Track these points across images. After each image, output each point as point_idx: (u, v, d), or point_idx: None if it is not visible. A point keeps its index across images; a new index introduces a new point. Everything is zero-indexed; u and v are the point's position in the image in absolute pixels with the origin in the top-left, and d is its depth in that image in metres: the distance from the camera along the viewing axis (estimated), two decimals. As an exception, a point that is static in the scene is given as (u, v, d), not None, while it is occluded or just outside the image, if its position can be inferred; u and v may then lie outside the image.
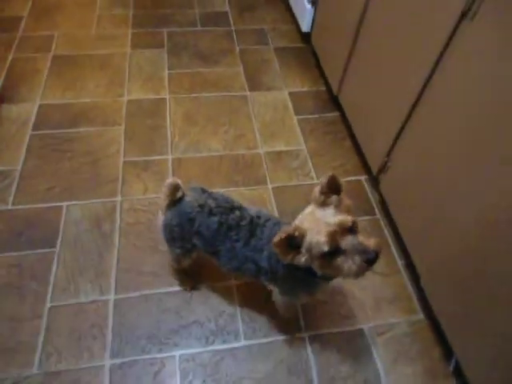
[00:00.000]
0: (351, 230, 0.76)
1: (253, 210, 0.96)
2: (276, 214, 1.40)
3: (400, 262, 1.31)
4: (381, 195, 1.40)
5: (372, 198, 1.47)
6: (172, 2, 2.25)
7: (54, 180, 1.44)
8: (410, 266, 1.27)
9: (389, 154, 1.30)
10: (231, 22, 2.16)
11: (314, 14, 1.84)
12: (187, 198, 0.95)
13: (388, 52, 1.24)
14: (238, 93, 1.80)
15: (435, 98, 1.04)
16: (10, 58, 1.88)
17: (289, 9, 2.22)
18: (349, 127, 1.64)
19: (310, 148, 1.61)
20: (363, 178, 1.53)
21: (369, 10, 1.33)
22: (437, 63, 1.02)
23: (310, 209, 0.81)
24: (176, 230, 0.97)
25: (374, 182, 1.47)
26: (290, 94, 1.81)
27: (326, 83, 1.84)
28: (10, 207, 1.36)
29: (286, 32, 2.14)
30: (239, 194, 1.43)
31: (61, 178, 1.45)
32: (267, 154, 1.57)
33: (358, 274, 0.75)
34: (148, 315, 1.16)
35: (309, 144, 1.62)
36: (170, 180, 0.93)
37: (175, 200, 0.94)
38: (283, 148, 1.60)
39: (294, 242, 0.77)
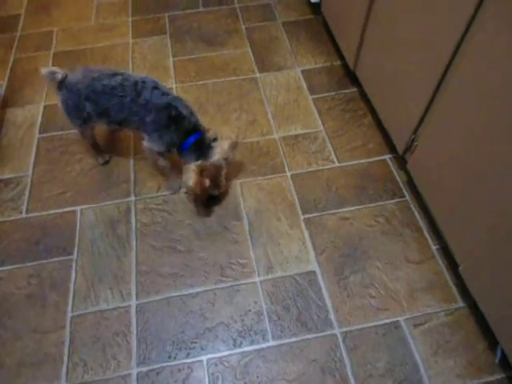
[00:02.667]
0: None
1: (138, 76, 1.17)
2: (297, 202, 1.32)
3: (434, 247, 1.22)
4: (409, 175, 1.30)
5: (399, 178, 1.37)
6: (171, -16, 2.13)
7: (66, 184, 1.40)
8: (446, 251, 1.18)
9: (416, 132, 1.19)
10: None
11: (323, -19, 1.70)
12: (71, 76, 1.16)
13: (411, 14, 1.11)
14: (248, 75, 1.70)
15: (468, 67, 0.92)
16: (11, 59, 1.82)
17: (295, -21, 2.07)
18: (369, 103, 1.52)
19: (329, 129, 1.51)
20: (388, 157, 1.42)
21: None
22: (470, 23, 0.89)
23: None
24: (69, 104, 1.19)
25: (401, 161, 1.37)
26: (303, 71, 1.70)
27: (341, 57, 1.71)
28: (24, 215, 1.34)
29: (294, 4, 2.00)
30: (256, 185, 1.36)
31: (72, 182, 1.41)
32: (283, 139, 1.48)
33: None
34: (172, 319, 1.12)
35: (327, 124, 1.52)
36: (42, 70, 1.14)
37: (59, 82, 1.15)
38: (300, 131, 1.50)
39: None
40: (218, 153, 1.20)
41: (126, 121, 1.19)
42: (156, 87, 1.17)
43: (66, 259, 1.24)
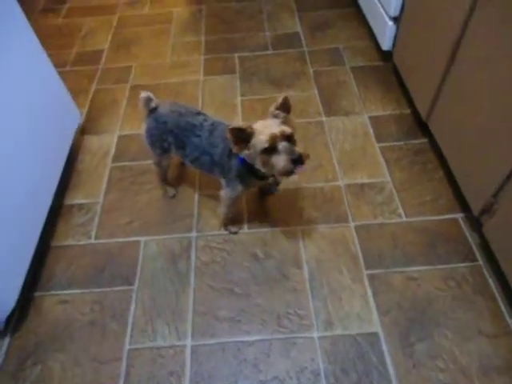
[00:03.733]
0: (289, 139, 1.02)
1: (216, 119, 1.22)
2: (360, 256, 1.28)
3: (510, 321, 1.12)
4: (483, 238, 1.22)
5: (471, 240, 1.29)
6: (242, 26, 2.23)
7: (133, 213, 1.46)
8: (526, 328, 1.08)
9: (496, 194, 1.12)
10: (303, 42, 2.08)
11: (397, 30, 1.70)
12: (161, 107, 1.25)
13: (502, 64, 1.07)
14: (314, 118, 1.71)
15: None
16: (92, 89, 1.97)
17: (364, 24, 2.09)
18: (440, 156, 1.47)
19: (396, 180, 1.46)
20: (459, 216, 1.35)
21: (471, 26, 1.17)
22: None
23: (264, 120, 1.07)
24: (154, 133, 1.26)
25: (475, 222, 1.29)
26: (371, 118, 1.68)
27: (411, 105, 1.68)
28: (93, 241, 1.40)
29: (363, 50, 2.01)
30: (318, 233, 1.34)
31: (139, 212, 1.46)
32: (348, 187, 1.46)
33: (286, 168, 1.01)
34: (226, 366, 1.10)
35: (394, 175, 1.48)
36: (142, 94, 1.23)
37: (151, 110, 1.25)
38: (365, 180, 1.47)
39: (244, 136, 1.03)
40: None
41: (199, 160, 1.23)
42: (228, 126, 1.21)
43: (127, 289, 1.27)
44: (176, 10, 2.41)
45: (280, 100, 1.06)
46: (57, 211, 1.48)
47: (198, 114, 1.24)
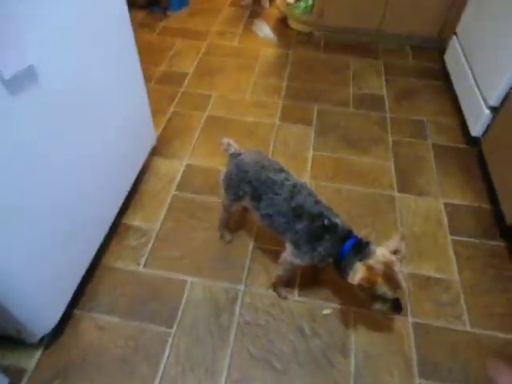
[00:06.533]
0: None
1: (298, 180, 1.20)
2: (415, 359, 1.17)
3: None
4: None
5: (545, 373, 1.15)
6: (326, 78, 2.22)
7: (186, 249, 1.44)
8: None
9: None
10: (387, 107, 2.04)
11: (492, 119, 1.61)
12: (245, 155, 1.24)
13: None
14: (385, 191, 1.64)
15: None
16: (170, 110, 2.01)
17: (453, 101, 2.02)
18: (520, 267, 1.35)
19: (465, 281, 1.35)
20: (534, 341, 1.22)
21: None
22: None
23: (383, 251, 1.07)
24: (233, 178, 1.24)
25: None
26: (446, 205, 1.59)
27: (494, 201, 1.57)
28: (141, 269, 1.39)
29: (448, 127, 1.93)
30: (371, 321, 1.25)
31: (192, 250, 1.44)
32: (412, 277, 1.36)
33: (381, 311, 1.07)
34: None
35: (464, 275, 1.37)
36: (223, 139, 1.26)
37: (232, 154, 1.25)
38: (432, 273, 1.37)
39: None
40: (384, 250, 1.07)
41: (271, 218, 1.19)
42: (310, 194, 1.16)
43: (165, 332, 1.23)
44: (264, 49, 2.45)
45: (397, 241, 1.09)
46: (113, 228, 1.48)
47: (281, 171, 1.20)
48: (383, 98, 2.09)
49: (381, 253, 1.06)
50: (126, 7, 1.30)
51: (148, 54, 2.37)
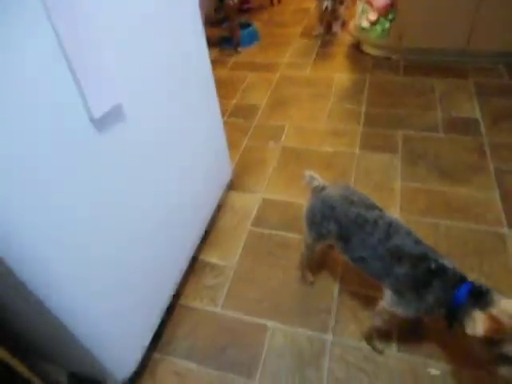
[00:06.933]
0: None
1: (393, 217, 1.05)
2: None
3: None
4: None
5: None
6: (409, 102, 2.06)
7: (264, 291, 1.34)
8: None
9: None
10: (483, 131, 1.81)
11: None
12: (331, 189, 1.13)
13: None
14: (492, 228, 1.41)
15: None
16: (243, 144, 1.99)
17: None
18: None
19: None
20: None
21: None
22: None
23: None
24: (317, 215, 1.13)
25: None
26: None
27: None
28: (219, 310, 1.31)
29: None
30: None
31: (271, 291, 1.34)
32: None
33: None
34: None
35: None
36: (306, 172, 1.17)
37: (316, 189, 1.14)
38: None
39: None
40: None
41: (365, 262, 1.05)
42: (409, 233, 1.01)
43: (247, 382, 1.12)
44: (338, 76, 2.37)
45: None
46: (190, 264, 1.44)
47: (373, 207, 1.07)
48: (478, 121, 1.86)
49: (510, 305, 0.86)
50: (205, 45, 1.31)
51: (221, 89, 2.39)
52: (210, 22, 3.06)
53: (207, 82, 1.38)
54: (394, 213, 1.51)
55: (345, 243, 1.08)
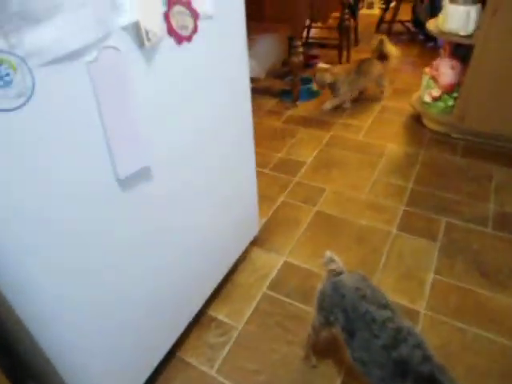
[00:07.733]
0: None
1: (405, 322, 0.96)
2: None
3: None
4: None
5: None
6: (460, 187, 1.94)
7: (264, 363, 1.28)
8: None
9: None
10: (539, 234, 1.64)
11: None
12: (346, 276, 1.07)
13: None
14: (531, 351, 1.24)
15: None
16: (280, 199, 1.98)
17: None
18: None
19: None
20: None
21: None
22: None
23: None
24: (326, 300, 1.09)
25: None
26: None
27: None
28: (213, 373, 1.27)
29: None
30: None
31: (270, 364, 1.27)
32: None
33: None
34: None
35: None
36: (327, 253, 1.14)
37: (331, 272, 1.10)
38: None
39: None
40: None
41: (364, 364, 0.97)
42: (419, 344, 0.91)
43: None
44: (390, 146, 2.31)
45: None
46: (197, 315, 1.42)
47: (385, 307, 0.99)
48: (535, 224, 1.70)
49: None
50: (250, 107, 1.34)
51: (270, 140, 2.45)
52: (274, 74, 3.18)
53: (247, 133, 1.37)
54: (420, 307, 1.39)
55: (349, 336, 1.01)
